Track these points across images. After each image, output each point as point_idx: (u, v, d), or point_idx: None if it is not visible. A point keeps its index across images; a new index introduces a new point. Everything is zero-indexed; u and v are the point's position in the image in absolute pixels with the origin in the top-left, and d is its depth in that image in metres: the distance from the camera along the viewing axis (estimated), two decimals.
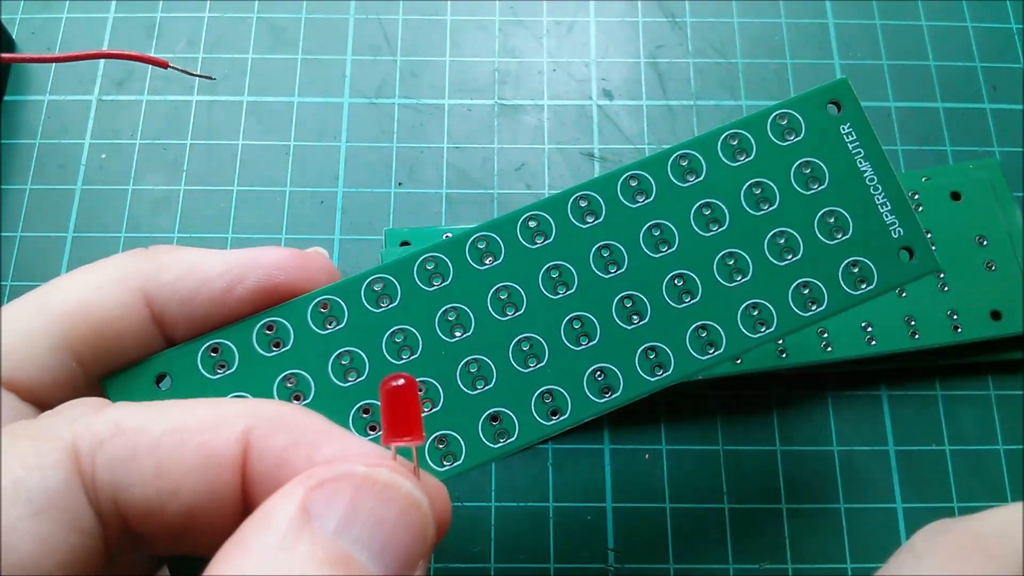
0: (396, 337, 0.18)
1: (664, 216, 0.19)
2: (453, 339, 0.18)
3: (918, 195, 0.28)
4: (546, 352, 0.18)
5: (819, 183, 0.19)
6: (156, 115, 0.32)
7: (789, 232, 0.19)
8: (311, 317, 0.18)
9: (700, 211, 0.19)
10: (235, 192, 0.31)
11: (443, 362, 0.18)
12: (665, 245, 0.18)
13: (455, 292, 0.18)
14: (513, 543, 0.27)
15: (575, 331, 0.18)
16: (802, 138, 0.19)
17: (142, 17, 0.34)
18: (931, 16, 0.34)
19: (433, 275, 0.18)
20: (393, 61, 0.33)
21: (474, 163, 0.32)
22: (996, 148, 0.32)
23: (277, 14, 0.34)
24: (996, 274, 0.28)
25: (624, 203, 0.19)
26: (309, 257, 0.19)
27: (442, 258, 0.18)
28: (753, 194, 0.19)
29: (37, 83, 0.32)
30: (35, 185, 0.31)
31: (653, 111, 0.33)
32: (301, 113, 0.32)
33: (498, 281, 0.18)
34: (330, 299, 0.18)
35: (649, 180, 0.19)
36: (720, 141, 0.19)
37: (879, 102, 0.33)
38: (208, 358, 0.18)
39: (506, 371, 0.18)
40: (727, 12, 0.34)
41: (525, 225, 0.19)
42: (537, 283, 0.18)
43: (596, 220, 0.18)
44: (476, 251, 0.18)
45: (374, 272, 0.18)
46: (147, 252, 0.18)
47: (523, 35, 0.34)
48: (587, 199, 0.19)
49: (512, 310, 0.18)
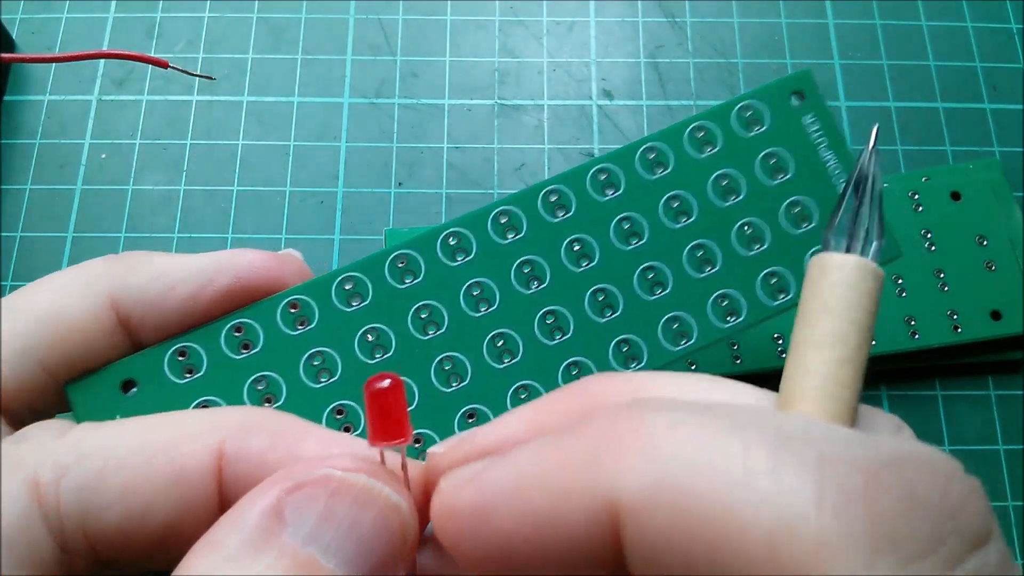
0: (369, 336, 0.18)
1: (634, 209, 0.19)
2: (427, 336, 0.18)
3: (918, 195, 0.28)
4: (520, 348, 0.18)
5: (784, 173, 0.19)
6: (156, 115, 0.32)
7: (756, 222, 0.19)
8: (281, 318, 0.18)
9: (669, 203, 0.19)
10: (235, 192, 0.31)
11: (417, 360, 0.18)
12: (635, 238, 0.19)
13: (426, 288, 0.18)
14: None
15: (548, 326, 0.18)
16: (766, 129, 0.19)
17: (142, 17, 0.34)
18: (931, 16, 0.34)
19: (405, 272, 0.18)
20: (393, 61, 0.33)
21: (474, 163, 0.32)
22: (996, 148, 0.32)
23: (277, 14, 0.34)
24: (996, 274, 0.28)
25: (594, 197, 0.19)
26: (281, 259, 0.18)
27: (413, 255, 0.18)
28: (720, 185, 0.19)
29: (37, 83, 0.32)
30: (35, 185, 0.31)
31: (653, 111, 0.33)
32: (301, 113, 0.32)
33: (471, 277, 0.18)
34: (300, 299, 0.18)
35: (618, 173, 0.19)
36: (686, 133, 0.19)
37: (879, 102, 0.33)
38: (175, 362, 0.17)
39: (481, 368, 0.18)
40: (727, 12, 0.34)
41: (496, 221, 0.19)
42: (510, 278, 0.18)
43: (566, 214, 0.19)
44: (448, 247, 0.18)
45: (344, 271, 0.18)
46: (116, 257, 0.18)
47: (523, 35, 0.34)
48: (557, 193, 0.19)
49: (485, 306, 0.18)
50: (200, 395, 0.17)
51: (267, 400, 0.18)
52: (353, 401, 0.18)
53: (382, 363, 0.18)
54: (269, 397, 0.18)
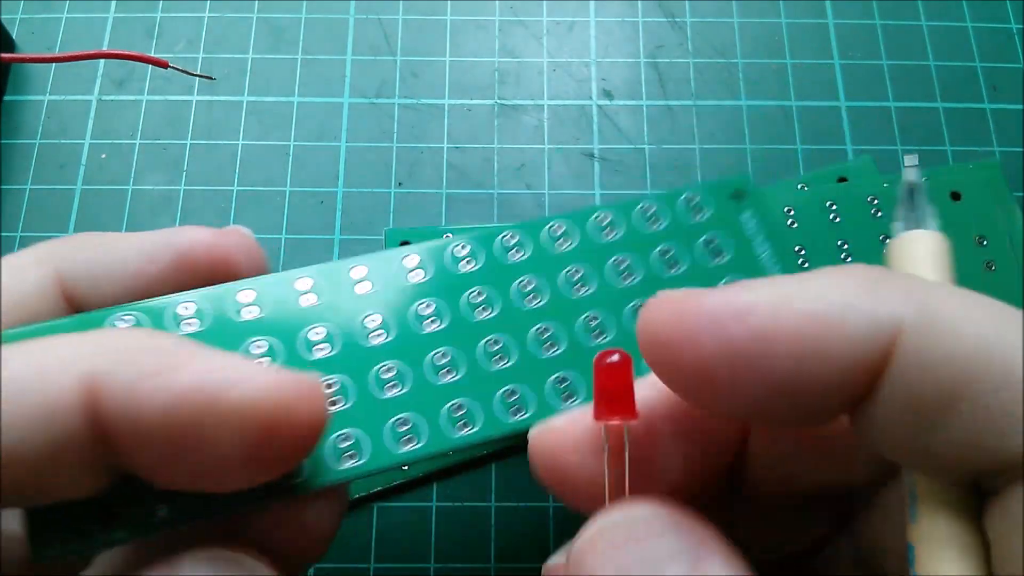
0: (311, 334, 0.18)
1: (584, 261, 0.20)
2: (371, 344, 0.18)
3: None
4: (464, 367, 0.18)
5: (721, 256, 0.20)
6: (156, 115, 0.32)
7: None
8: (230, 303, 0.18)
9: (616, 264, 0.20)
10: (235, 192, 0.31)
11: (357, 364, 0.18)
12: (584, 288, 0.20)
13: (378, 301, 0.19)
14: (513, 543, 0.27)
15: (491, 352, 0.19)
16: (707, 218, 0.21)
17: (142, 17, 0.34)
18: (931, 16, 0.34)
19: (361, 281, 0.19)
20: (393, 61, 0.33)
21: (474, 163, 0.32)
22: (996, 148, 0.32)
23: (277, 14, 0.34)
24: (996, 274, 0.28)
25: (546, 249, 0.20)
26: (226, 235, 0.18)
27: (374, 265, 0.19)
28: (663, 257, 0.20)
29: (37, 83, 0.32)
30: (35, 185, 0.31)
31: (653, 111, 0.33)
32: (301, 113, 0.32)
33: (421, 297, 0.19)
34: (254, 288, 0.18)
35: (574, 228, 0.20)
36: (636, 208, 0.20)
37: (879, 102, 0.33)
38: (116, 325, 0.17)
39: (419, 381, 0.18)
40: (727, 12, 0.34)
41: (453, 253, 0.19)
42: (459, 304, 0.19)
43: (522, 256, 0.20)
44: (403, 268, 0.19)
45: (304, 273, 0.18)
46: (67, 237, 0.18)
47: (523, 35, 0.34)
48: (516, 235, 0.20)
49: (435, 323, 0.19)
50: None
51: None
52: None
53: (322, 360, 0.18)
54: None
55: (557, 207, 0.31)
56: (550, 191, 0.31)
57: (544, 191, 0.31)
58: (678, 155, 0.32)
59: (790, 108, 0.33)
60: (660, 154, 0.32)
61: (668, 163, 0.32)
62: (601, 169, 0.32)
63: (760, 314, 0.12)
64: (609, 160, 0.32)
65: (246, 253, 0.19)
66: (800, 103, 0.33)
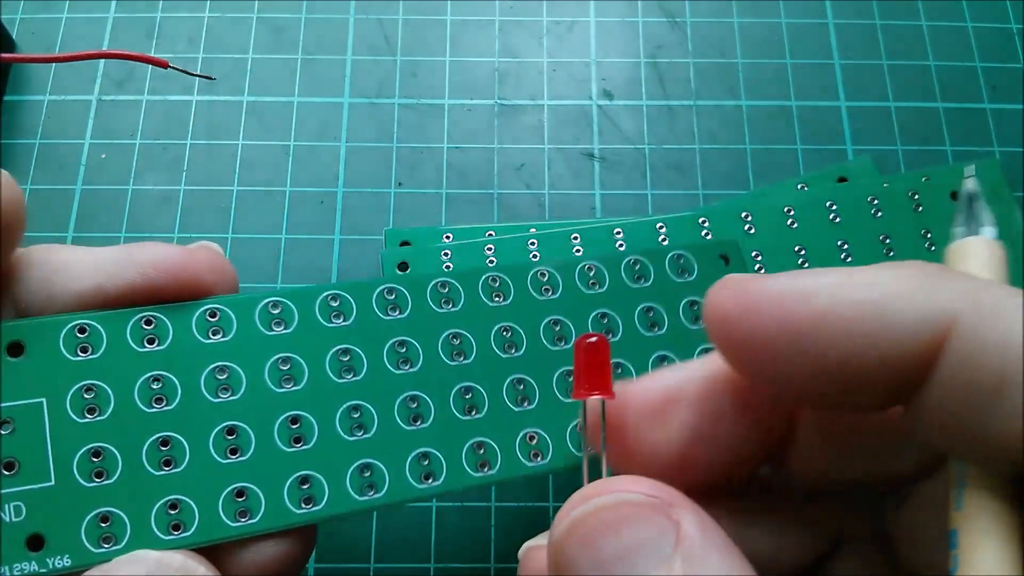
0: (281, 365, 0.18)
1: (564, 314, 0.19)
2: (342, 380, 0.18)
3: (918, 195, 0.28)
4: (432, 412, 0.18)
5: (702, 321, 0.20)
6: (156, 115, 0.32)
7: (671, 357, 0.20)
8: (196, 322, 0.17)
9: (598, 319, 0.20)
10: (235, 192, 0.31)
11: (326, 401, 0.18)
12: (561, 341, 0.19)
13: (352, 332, 0.18)
14: (513, 543, 0.27)
15: (465, 400, 0.18)
16: (693, 279, 0.20)
17: (142, 17, 0.34)
18: (931, 16, 0.34)
19: (336, 312, 0.18)
20: (393, 61, 0.33)
21: (474, 163, 0.32)
22: (996, 148, 0.32)
23: (277, 14, 0.34)
24: None
25: (533, 295, 0.19)
26: (192, 253, 0.18)
27: (346, 297, 0.18)
28: (646, 316, 0.20)
29: (37, 83, 0.32)
30: (35, 185, 0.31)
31: (653, 111, 0.33)
32: (301, 113, 0.32)
33: (398, 335, 0.18)
34: (220, 309, 0.18)
35: (557, 279, 0.20)
36: (624, 263, 0.20)
37: (879, 102, 0.33)
38: (73, 337, 0.17)
39: (386, 424, 0.18)
40: (727, 12, 0.34)
41: (436, 290, 0.19)
42: (437, 346, 0.19)
43: (504, 301, 0.19)
44: (384, 301, 0.19)
45: (274, 295, 0.18)
46: (21, 250, 0.17)
47: (523, 35, 0.34)
48: (497, 279, 0.19)
49: (407, 365, 0.18)
50: (88, 378, 0.17)
51: (157, 401, 0.17)
52: (247, 425, 0.17)
53: (288, 394, 0.17)
54: (160, 398, 0.17)
55: (557, 207, 0.31)
56: (550, 191, 0.31)
57: (544, 191, 0.31)
58: (678, 155, 0.32)
59: (790, 108, 0.33)
60: (660, 154, 0.32)
61: (668, 163, 0.32)
62: (601, 169, 0.32)
63: (822, 296, 0.12)
64: (609, 160, 0.32)
65: (219, 275, 0.18)
66: (800, 103, 0.33)
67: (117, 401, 0.17)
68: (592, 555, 0.13)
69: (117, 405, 0.17)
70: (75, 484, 0.16)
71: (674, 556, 0.12)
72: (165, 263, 0.17)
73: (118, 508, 0.16)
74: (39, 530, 0.16)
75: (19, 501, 0.16)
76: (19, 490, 0.16)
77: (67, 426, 0.16)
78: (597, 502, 0.13)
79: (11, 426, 0.16)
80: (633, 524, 0.13)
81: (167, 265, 0.17)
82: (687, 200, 0.31)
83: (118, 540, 0.16)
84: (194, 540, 0.16)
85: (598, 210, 0.31)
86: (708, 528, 0.13)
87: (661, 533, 0.12)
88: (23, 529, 0.16)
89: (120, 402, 0.17)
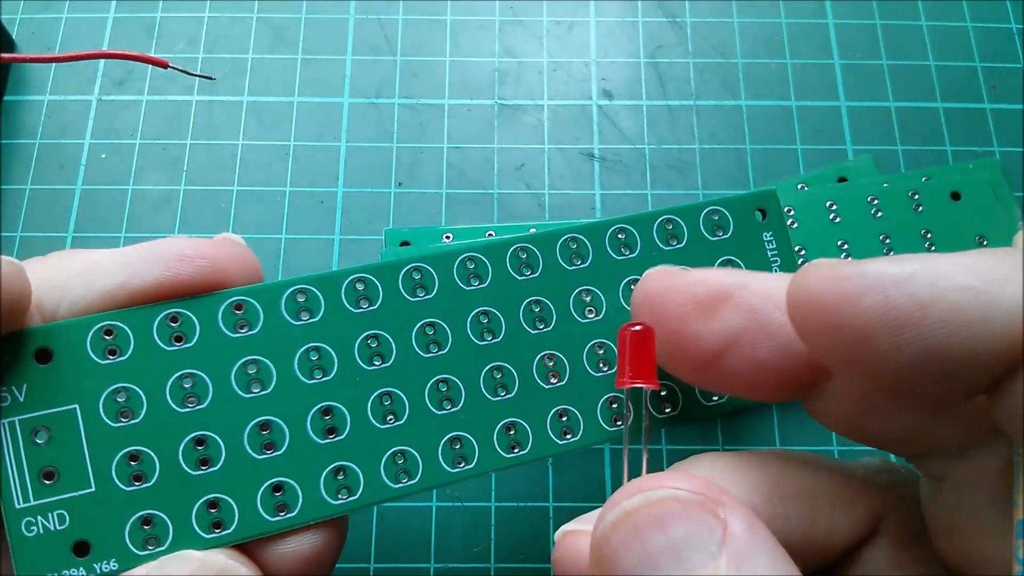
0: (311, 355, 0.17)
1: (594, 284, 0.19)
2: (371, 368, 0.18)
3: (918, 195, 0.28)
4: (463, 396, 0.18)
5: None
6: (156, 115, 0.32)
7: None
8: (222, 316, 0.17)
9: (628, 286, 0.19)
10: (235, 192, 0.31)
11: (357, 390, 0.17)
12: (592, 312, 0.19)
13: (380, 317, 0.18)
14: (513, 543, 0.27)
15: (495, 380, 0.18)
16: (728, 236, 0.20)
17: (142, 17, 0.34)
18: (931, 16, 0.34)
19: (361, 297, 0.18)
20: (393, 61, 0.33)
21: (474, 163, 0.32)
22: (996, 148, 0.32)
23: (277, 14, 0.34)
24: None
25: (563, 265, 0.19)
26: (217, 246, 0.17)
27: (371, 279, 0.18)
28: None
29: (37, 83, 0.32)
30: (35, 185, 0.31)
31: (653, 111, 0.33)
32: (301, 113, 0.32)
33: (424, 317, 0.18)
34: (246, 301, 0.17)
35: (587, 245, 0.19)
36: (656, 224, 0.19)
37: (879, 102, 0.33)
38: (100, 340, 0.17)
39: (418, 408, 0.18)
40: (727, 12, 0.34)
41: (463, 265, 0.18)
42: (466, 325, 0.18)
43: (533, 274, 0.19)
44: (411, 281, 0.18)
45: (298, 282, 0.18)
46: (40, 259, 0.17)
47: (523, 35, 0.34)
48: (526, 251, 0.19)
49: (435, 348, 0.18)
50: (118, 381, 0.17)
51: (189, 400, 0.17)
52: (281, 419, 0.17)
53: (318, 385, 0.17)
54: (192, 397, 0.17)
55: (557, 207, 0.31)
56: (550, 191, 0.31)
57: (544, 191, 0.31)
58: (678, 155, 0.32)
59: (790, 108, 0.33)
60: (660, 154, 0.32)
61: (668, 163, 0.32)
62: (601, 169, 0.32)
63: (920, 282, 0.12)
64: (609, 160, 0.32)
65: (239, 262, 0.18)
66: (800, 103, 0.33)
67: (149, 402, 0.17)
68: (638, 549, 0.12)
69: (150, 407, 0.17)
70: (115, 489, 0.16)
71: (720, 554, 0.12)
72: (191, 256, 0.17)
73: (159, 510, 0.16)
74: (84, 536, 0.16)
75: (62, 509, 0.16)
76: (61, 498, 0.16)
77: (102, 431, 0.16)
78: (644, 497, 0.13)
79: (47, 434, 0.16)
80: (680, 520, 0.12)
81: (193, 258, 0.17)
82: (687, 200, 0.31)
83: (161, 541, 0.16)
84: (235, 537, 0.16)
85: (598, 210, 0.31)
86: (755, 528, 0.12)
87: (708, 531, 0.12)
88: (68, 536, 0.16)
89: (153, 403, 0.17)
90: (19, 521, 0.16)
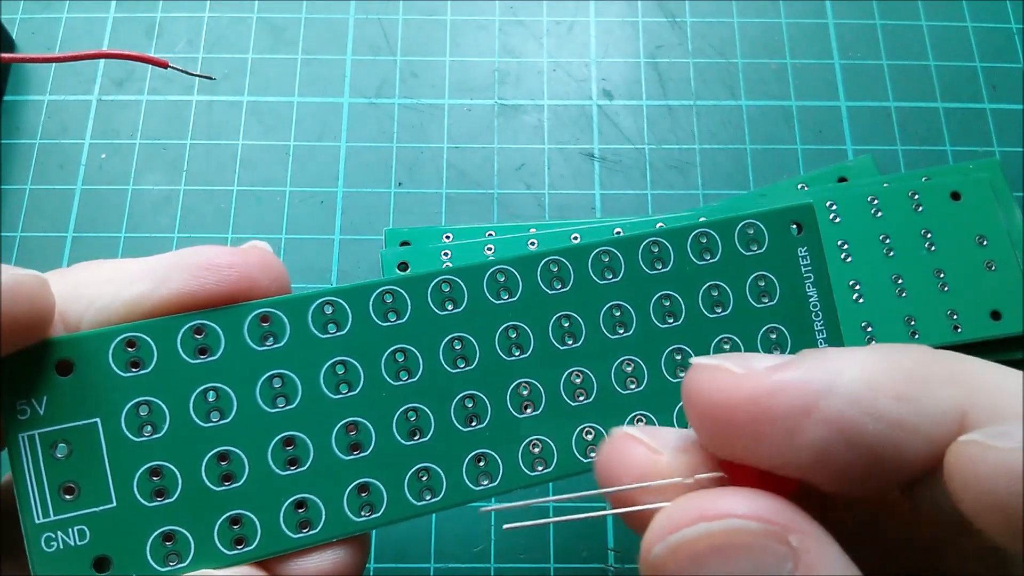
0: (337, 368, 0.17)
1: (624, 299, 0.18)
2: (397, 383, 0.17)
3: (918, 195, 0.28)
4: (488, 412, 0.18)
5: (769, 298, 0.19)
6: (156, 115, 0.32)
7: (735, 340, 0.19)
8: (248, 329, 0.17)
9: (660, 301, 0.19)
10: (235, 192, 0.31)
11: (382, 405, 0.17)
12: (622, 328, 0.18)
13: (408, 331, 0.17)
14: (513, 543, 0.27)
15: (521, 398, 0.18)
16: (763, 251, 0.19)
17: (142, 17, 0.34)
18: (931, 16, 0.34)
19: (390, 309, 0.17)
20: (393, 61, 0.33)
21: (474, 163, 0.32)
22: (996, 148, 0.32)
23: (277, 14, 0.34)
24: (996, 274, 0.28)
25: (594, 279, 0.18)
26: (245, 254, 0.17)
27: (401, 293, 0.18)
28: (711, 296, 0.19)
29: (37, 83, 0.32)
30: (35, 185, 0.31)
31: (653, 111, 0.33)
32: (301, 113, 0.32)
33: (453, 331, 0.18)
34: (272, 313, 0.17)
35: (619, 259, 0.19)
36: (691, 237, 0.19)
37: (879, 102, 0.33)
38: (122, 352, 0.16)
39: (443, 424, 0.17)
40: (727, 12, 0.34)
41: (493, 278, 0.18)
42: (494, 340, 0.18)
43: (564, 288, 0.18)
44: (439, 294, 0.18)
45: (326, 294, 0.17)
46: (64, 270, 0.17)
47: (523, 35, 0.34)
48: (557, 264, 0.18)
49: (463, 363, 0.18)
50: (141, 394, 0.16)
51: (212, 414, 0.17)
52: (305, 435, 0.17)
53: (344, 400, 0.17)
54: (215, 411, 0.17)
55: (557, 207, 0.31)
56: (550, 191, 0.31)
57: (544, 191, 0.31)
58: (678, 155, 0.32)
59: (790, 108, 0.33)
60: (660, 154, 0.32)
61: (668, 163, 0.32)
62: (601, 169, 0.32)
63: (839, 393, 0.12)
64: (609, 160, 0.32)
65: (267, 272, 0.17)
66: (800, 103, 0.33)
67: (172, 417, 0.16)
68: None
69: (173, 421, 0.16)
70: (137, 504, 0.16)
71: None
72: (218, 264, 0.17)
73: (181, 526, 0.16)
74: (104, 552, 0.16)
75: (82, 524, 0.16)
76: (81, 513, 0.16)
77: (124, 445, 0.16)
78: (707, 528, 0.12)
79: (68, 448, 0.16)
80: (746, 553, 0.11)
81: (220, 267, 0.17)
82: (687, 200, 0.31)
83: (183, 558, 0.16)
84: (257, 554, 0.16)
85: (598, 210, 0.31)
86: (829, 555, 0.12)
87: (778, 561, 0.11)
88: (88, 552, 0.16)
89: (175, 418, 0.16)
90: (39, 536, 0.16)
